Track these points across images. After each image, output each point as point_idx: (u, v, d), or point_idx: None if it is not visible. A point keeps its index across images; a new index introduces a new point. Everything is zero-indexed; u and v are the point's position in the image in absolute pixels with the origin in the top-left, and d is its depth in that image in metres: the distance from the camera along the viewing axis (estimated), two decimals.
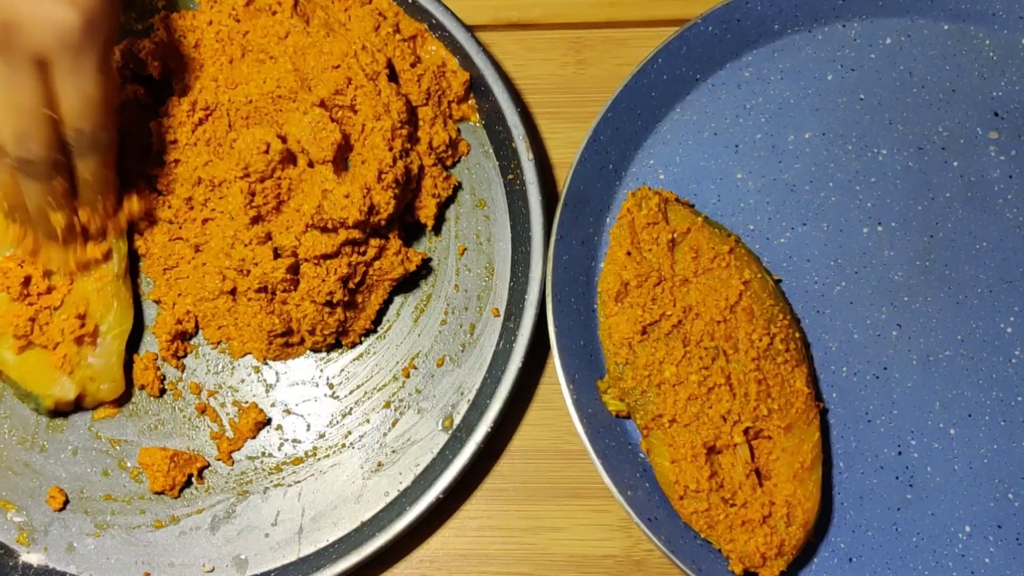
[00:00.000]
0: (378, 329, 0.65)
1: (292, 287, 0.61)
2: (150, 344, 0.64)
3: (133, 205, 0.62)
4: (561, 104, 0.69)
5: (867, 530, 0.60)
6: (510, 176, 0.65)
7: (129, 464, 0.63)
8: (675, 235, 0.61)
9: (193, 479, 0.63)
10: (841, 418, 0.62)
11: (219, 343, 0.64)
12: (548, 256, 0.61)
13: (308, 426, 0.63)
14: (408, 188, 0.63)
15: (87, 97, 0.54)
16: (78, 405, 0.62)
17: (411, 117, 0.64)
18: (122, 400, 0.63)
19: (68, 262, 0.61)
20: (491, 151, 0.67)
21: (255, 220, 0.61)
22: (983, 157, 0.65)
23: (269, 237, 0.61)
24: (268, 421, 0.63)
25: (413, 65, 0.65)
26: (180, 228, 0.63)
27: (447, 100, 0.66)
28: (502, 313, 0.64)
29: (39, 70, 0.53)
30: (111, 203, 0.61)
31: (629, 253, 0.60)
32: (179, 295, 0.63)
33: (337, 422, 0.63)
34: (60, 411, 0.62)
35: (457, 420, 0.63)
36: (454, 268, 0.65)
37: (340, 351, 0.64)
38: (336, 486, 0.62)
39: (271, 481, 0.63)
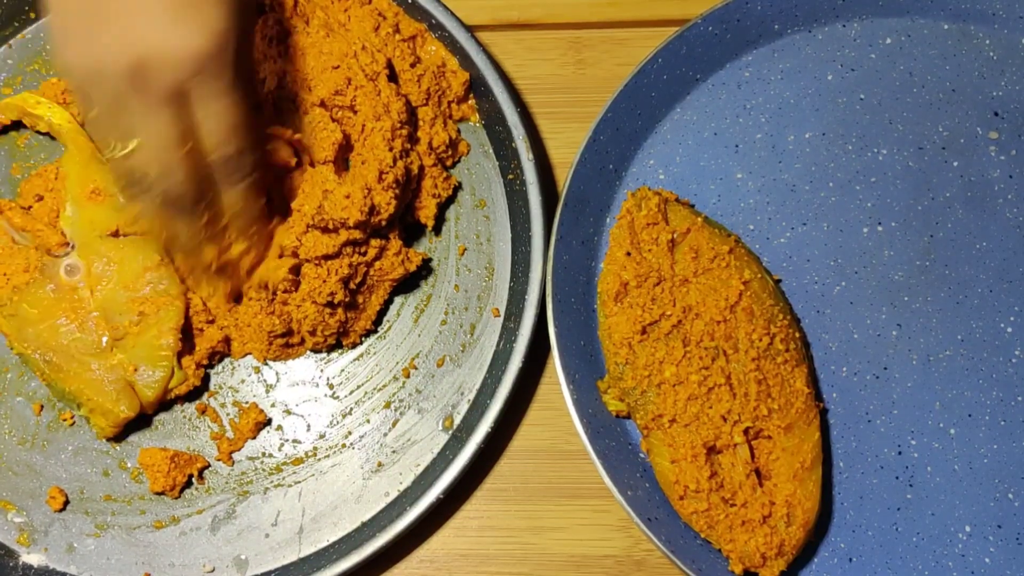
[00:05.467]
0: (378, 329, 0.65)
1: (293, 288, 0.61)
2: None
3: (282, 235, 0.61)
4: (561, 104, 0.69)
5: (867, 530, 0.60)
6: (510, 176, 0.65)
7: (129, 464, 0.63)
8: (675, 235, 0.61)
9: (193, 479, 0.63)
10: (841, 418, 0.62)
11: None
12: (548, 256, 0.61)
13: (308, 426, 0.63)
14: (408, 188, 0.63)
15: (226, 120, 0.53)
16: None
17: (411, 117, 0.64)
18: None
19: (220, 292, 0.61)
20: (491, 151, 0.67)
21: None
22: (983, 157, 0.65)
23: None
24: (268, 421, 0.63)
25: (413, 65, 0.65)
26: None
27: (447, 100, 0.66)
28: (502, 313, 0.64)
29: (176, 103, 0.51)
30: (264, 232, 0.60)
31: (629, 253, 0.60)
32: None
33: (337, 422, 0.63)
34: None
35: (457, 420, 0.63)
36: (454, 268, 0.65)
37: (340, 351, 0.64)
38: (336, 486, 0.62)
39: (271, 481, 0.63)
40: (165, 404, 0.63)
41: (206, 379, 0.64)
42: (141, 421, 0.63)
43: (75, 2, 0.51)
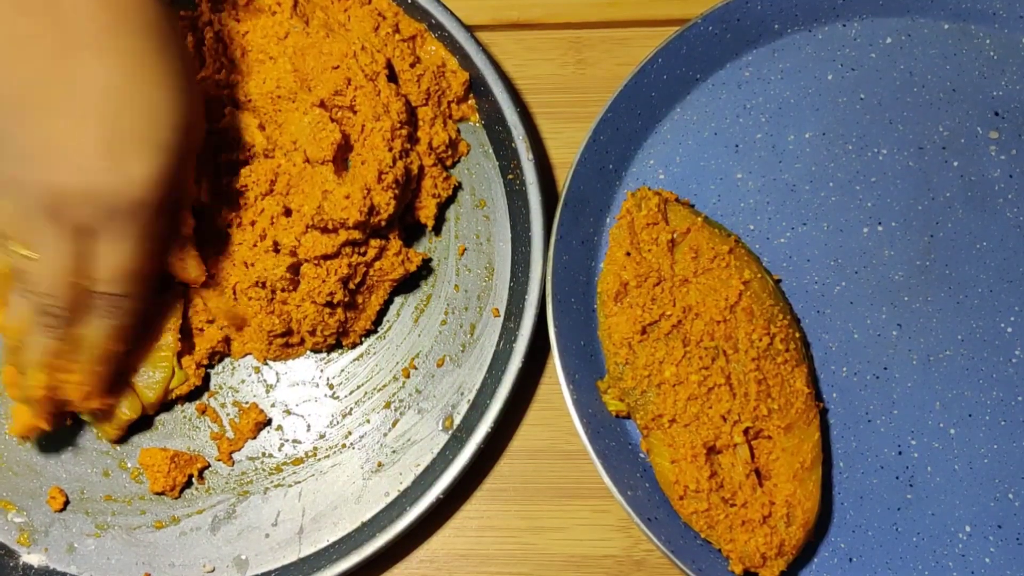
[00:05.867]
0: (378, 329, 0.65)
1: (292, 287, 0.61)
2: None
3: (121, 409, 0.61)
4: (561, 104, 0.69)
5: (867, 530, 0.60)
6: (510, 176, 0.65)
7: (129, 464, 0.63)
8: (675, 235, 0.61)
9: (193, 479, 0.63)
10: (841, 418, 0.62)
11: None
12: (548, 256, 0.61)
13: (308, 426, 0.63)
14: (408, 188, 0.63)
15: (123, 263, 0.53)
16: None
17: (411, 117, 0.64)
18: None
19: (23, 428, 0.59)
20: (491, 151, 0.67)
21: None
22: (983, 157, 0.65)
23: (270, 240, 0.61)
24: (268, 421, 0.63)
25: (413, 65, 0.65)
26: None
27: (447, 100, 0.66)
28: (502, 313, 0.64)
29: (84, 236, 0.51)
30: (96, 387, 0.58)
31: (629, 253, 0.60)
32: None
33: (337, 422, 0.63)
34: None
35: (457, 420, 0.63)
36: (454, 268, 0.65)
37: (340, 351, 0.64)
38: (336, 486, 0.62)
39: (271, 481, 0.63)
40: (166, 405, 0.63)
41: (206, 379, 0.64)
42: (142, 422, 0.63)
43: (3, 109, 0.50)
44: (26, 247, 0.52)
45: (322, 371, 0.64)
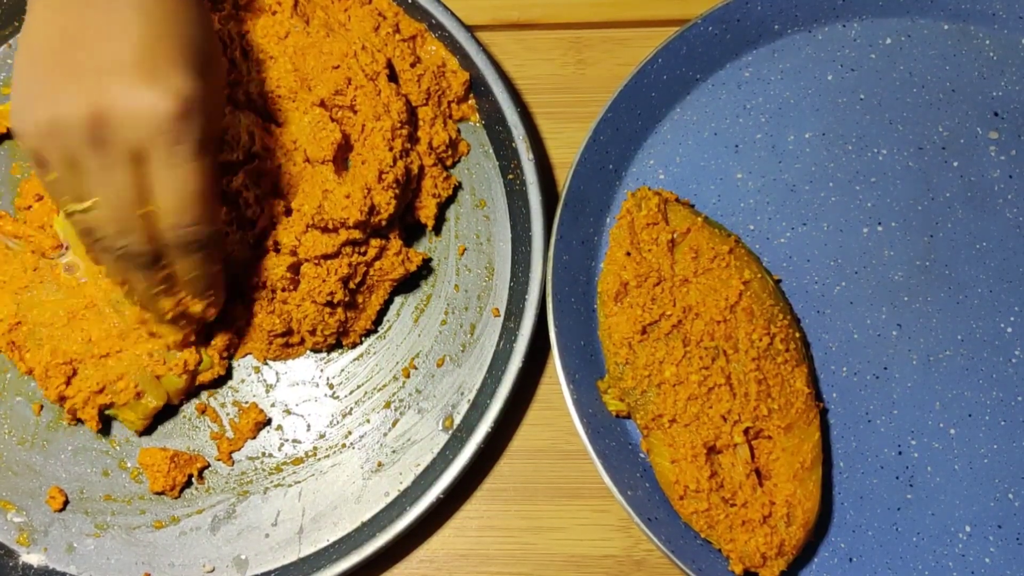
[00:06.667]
0: (378, 329, 0.65)
1: (292, 287, 0.61)
2: None
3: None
4: (561, 104, 0.69)
5: (867, 530, 0.60)
6: (510, 176, 0.65)
7: (129, 464, 0.63)
8: (675, 235, 0.61)
9: (193, 479, 0.63)
10: (841, 418, 0.62)
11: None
12: (548, 256, 0.61)
13: (308, 426, 0.63)
14: (408, 188, 0.63)
15: (184, 190, 0.52)
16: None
17: (411, 117, 0.64)
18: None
19: (182, 341, 0.61)
20: (491, 151, 0.67)
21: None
22: (983, 157, 0.65)
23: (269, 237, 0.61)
24: (268, 421, 0.63)
25: (413, 65, 0.65)
26: None
27: (447, 100, 0.66)
28: (502, 313, 0.64)
29: (135, 163, 0.50)
30: (220, 297, 0.59)
31: (629, 253, 0.60)
32: None
33: (337, 422, 0.63)
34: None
35: (457, 420, 0.63)
36: (454, 268, 0.65)
37: (340, 351, 0.64)
38: (336, 486, 0.62)
39: (271, 481, 0.63)
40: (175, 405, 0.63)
41: (230, 370, 0.64)
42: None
43: (45, 56, 0.50)
44: (80, 200, 0.52)
45: (322, 371, 0.64)
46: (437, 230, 0.66)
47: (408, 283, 0.65)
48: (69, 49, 0.50)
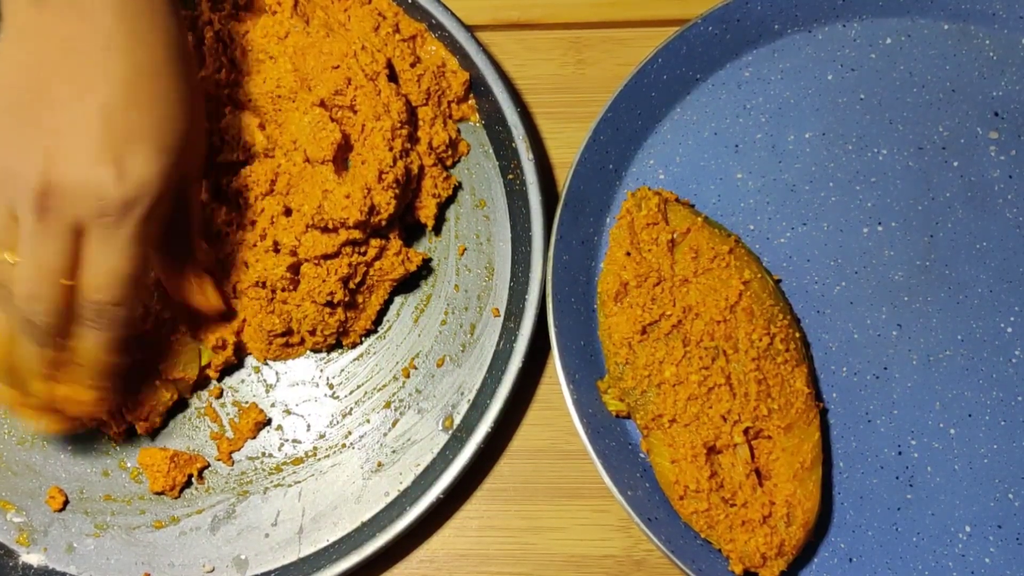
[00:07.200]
0: (378, 329, 0.65)
1: (292, 287, 0.61)
2: None
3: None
4: (561, 104, 0.69)
5: (867, 530, 0.60)
6: (510, 176, 0.65)
7: (129, 464, 0.63)
8: (675, 235, 0.61)
9: (193, 479, 0.63)
10: (841, 418, 0.62)
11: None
12: (548, 256, 0.61)
13: (308, 426, 0.63)
14: (408, 188, 0.63)
15: (113, 271, 0.51)
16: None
17: (411, 117, 0.64)
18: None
19: (36, 426, 0.58)
20: (491, 151, 0.67)
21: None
22: (983, 157, 0.65)
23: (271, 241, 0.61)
24: (268, 421, 0.63)
25: (413, 65, 0.65)
26: None
27: (447, 100, 0.66)
28: (502, 313, 0.64)
29: (73, 234, 0.49)
30: (110, 396, 0.57)
31: (629, 253, 0.60)
32: None
33: (337, 422, 0.63)
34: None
35: (457, 420, 0.63)
36: (454, 268, 0.65)
37: (340, 351, 0.64)
38: (336, 486, 0.62)
39: (271, 481, 0.63)
40: (178, 404, 0.63)
41: (240, 359, 0.64)
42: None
43: (10, 98, 0.49)
44: (9, 252, 0.51)
45: (322, 371, 0.64)
46: (437, 230, 0.66)
47: (408, 283, 0.65)
48: (34, 100, 0.49)
